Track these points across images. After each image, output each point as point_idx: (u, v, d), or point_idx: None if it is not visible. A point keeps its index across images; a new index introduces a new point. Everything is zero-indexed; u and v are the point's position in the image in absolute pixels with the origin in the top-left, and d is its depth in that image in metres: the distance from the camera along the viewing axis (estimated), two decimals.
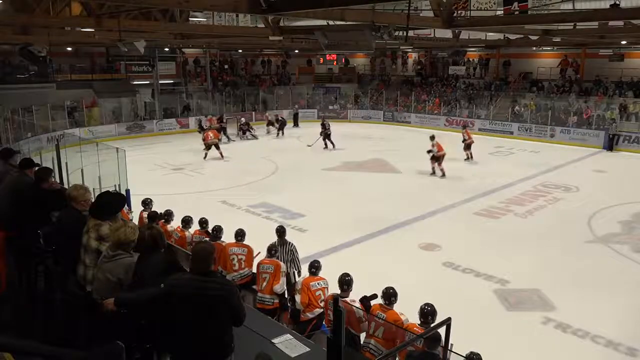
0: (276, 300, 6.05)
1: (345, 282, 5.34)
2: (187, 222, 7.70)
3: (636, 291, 8.13)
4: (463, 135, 18.31)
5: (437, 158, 15.47)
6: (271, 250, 6.34)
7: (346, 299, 5.26)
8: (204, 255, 3.31)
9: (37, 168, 5.43)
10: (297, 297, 5.68)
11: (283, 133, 23.98)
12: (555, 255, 9.54)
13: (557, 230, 10.95)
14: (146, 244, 3.64)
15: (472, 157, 18.03)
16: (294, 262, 6.97)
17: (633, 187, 14.48)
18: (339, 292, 5.38)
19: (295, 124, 26.44)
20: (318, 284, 5.69)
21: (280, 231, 7.00)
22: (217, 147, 18.30)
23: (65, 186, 9.02)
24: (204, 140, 18.43)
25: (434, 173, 15.58)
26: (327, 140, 20.22)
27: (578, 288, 8.18)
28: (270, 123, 24.69)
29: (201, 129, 21.58)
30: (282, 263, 6.22)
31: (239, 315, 3.31)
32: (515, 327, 6.98)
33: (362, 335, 5.22)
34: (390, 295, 5.06)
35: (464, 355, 4.27)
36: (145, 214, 8.31)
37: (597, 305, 7.62)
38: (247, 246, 6.76)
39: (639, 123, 21.06)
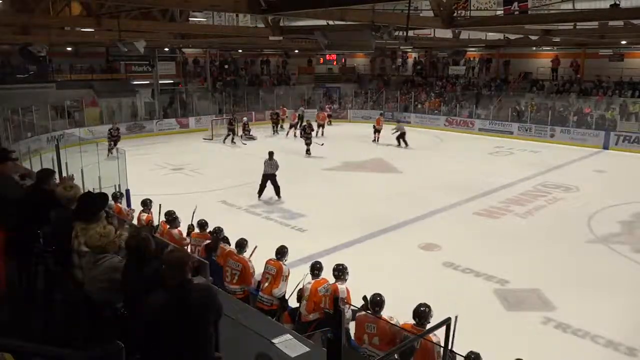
0: (275, 302, 6.00)
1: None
2: (202, 225, 7.41)
3: (636, 291, 8.13)
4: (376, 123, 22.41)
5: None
6: (278, 254, 6.20)
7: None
8: (178, 265, 3.11)
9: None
10: (303, 303, 5.61)
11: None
12: (555, 255, 9.55)
13: (557, 230, 10.96)
14: (129, 251, 3.55)
15: (378, 140, 21.91)
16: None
17: (633, 187, 14.48)
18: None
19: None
20: (324, 287, 5.61)
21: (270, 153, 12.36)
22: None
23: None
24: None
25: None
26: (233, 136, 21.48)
27: (578, 288, 8.18)
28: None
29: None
30: (285, 267, 6.07)
31: (220, 313, 3.24)
32: (515, 327, 6.98)
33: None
34: (375, 303, 4.94)
35: (464, 355, 4.28)
36: (144, 216, 8.24)
37: (597, 305, 7.62)
38: (243, 261, 6.32)
39: (639, 123, 21.06)
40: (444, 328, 3.14)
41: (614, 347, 6.54)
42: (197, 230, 7.42)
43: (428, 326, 4.57)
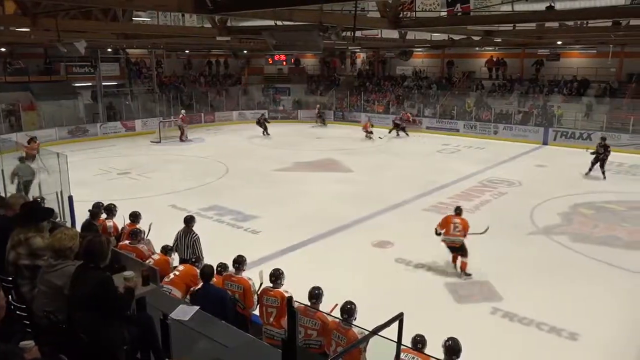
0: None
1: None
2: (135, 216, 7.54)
3: (575, 278, 8.58)
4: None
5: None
6: (272, 277, 5.46)
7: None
8: None
9: None
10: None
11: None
12: (501, 247, 9.88)
13: (502, 223, 11.34)
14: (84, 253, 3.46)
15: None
16: (195, 250, 7.12)
17: (570, 180, 15.26)
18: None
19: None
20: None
21: (187, 220, 7.38)
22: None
23: (2, 194, 8.57)
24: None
25: None
26: None
27: (523, 278, 8.54)
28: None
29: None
30: (286, 295, 5.14)
31: None
32: (466, 319, 7.18)
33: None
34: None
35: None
36: (109, 223, 7.80)
37: (540, 293, 7.98)
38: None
39: (574, 119, 22.19)
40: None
41: (557, 333, 6.86)
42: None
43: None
